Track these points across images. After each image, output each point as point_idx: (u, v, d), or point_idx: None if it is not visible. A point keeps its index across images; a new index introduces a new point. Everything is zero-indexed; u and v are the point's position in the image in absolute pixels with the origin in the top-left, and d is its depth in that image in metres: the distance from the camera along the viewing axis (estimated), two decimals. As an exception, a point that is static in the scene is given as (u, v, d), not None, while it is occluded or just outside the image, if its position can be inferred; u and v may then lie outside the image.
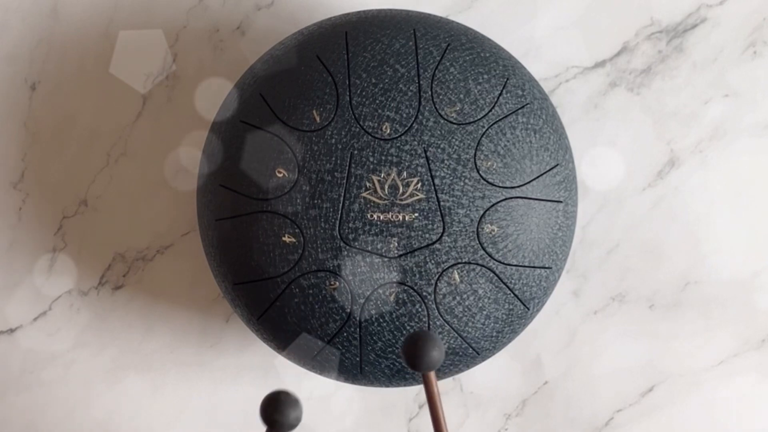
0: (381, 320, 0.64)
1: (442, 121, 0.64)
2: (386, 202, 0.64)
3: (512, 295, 0.65)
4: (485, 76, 0.66)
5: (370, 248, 0.64)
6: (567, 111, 0.76)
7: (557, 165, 0.66)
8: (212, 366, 0.77)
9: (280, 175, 0.64)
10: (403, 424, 0.77)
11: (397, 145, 0.64)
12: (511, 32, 0.76)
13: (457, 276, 0.64)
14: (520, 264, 0.65)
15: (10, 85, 0.77)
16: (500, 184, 0.64)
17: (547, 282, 0.66)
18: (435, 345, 0.55)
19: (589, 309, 0.77)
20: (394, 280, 0.64)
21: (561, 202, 0.66)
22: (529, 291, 0.66)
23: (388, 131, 0.64)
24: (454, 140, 0.64)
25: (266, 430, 0.55)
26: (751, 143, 0.77)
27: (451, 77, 0.65)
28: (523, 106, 0.66)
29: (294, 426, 0.55)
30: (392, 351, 0.65)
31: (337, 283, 0.64)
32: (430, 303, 0.64)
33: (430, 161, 0.64)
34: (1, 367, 0.77)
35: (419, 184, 0.64)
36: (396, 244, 0.64)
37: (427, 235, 0.64)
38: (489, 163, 0.64)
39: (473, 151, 0.64)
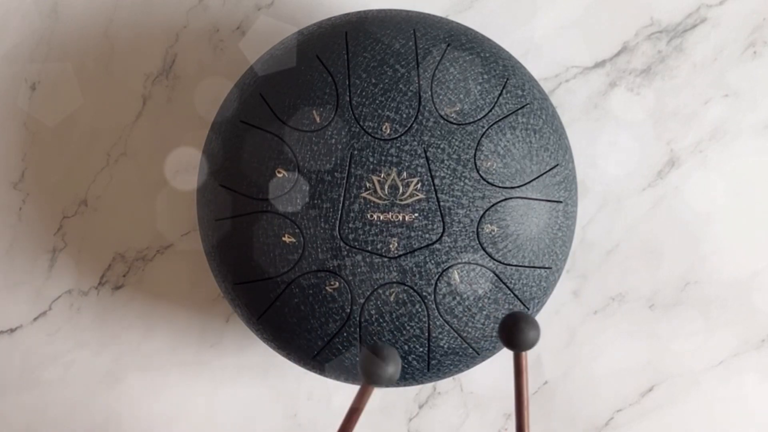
0: (381, 320, 0.64)
1: (442, 121, 0.64)
2: (386, 202, 0.64)
3: (512, 295, 0.65)
4: (485, 76, 0.66)
5: (370, 248, 0.64)
6: (567, 111, 0.76)
7: (557, 165, 0.66)
8: (212, 366, 0.77)
9: (280, 175, 0.64)
10: (403, 424, 0.77)
11: (397, 145, 0.64)
12: (511, 32, 0.76)
13: (457, 276, 0.64)
14: (520, 264, 0.65)
15: (10, 85, 0.77)
16: (500, 185, 0.64)
17: (547, 282, 0.66)
18: (533, 326, 0.55)
19: (589, 309, 0.77)
20: (394, 280, 0.64)
21: (561, 202, 0.66)
22: (529, 291, 0.66)
23: (388, 131, 0.64)
24: (454, 140, 0.64)
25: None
26: (751, 143, 0.77)
27: (451, 77, 0.65)
28: (523, 106, 0.66)
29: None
30: (392, 351, 0.65)
31: (337, 283, 0.64)
32: (430, 303, 0.64)
33: (430, 161, 0.64)
34: (1, 367, 0.77)
35: (419, 185, 0.64)
36: (396, 244, 0.64)
37: (427, 235, 0.64)
38: (489, 163, 0.64)
39: (473, 151, 0.64)
